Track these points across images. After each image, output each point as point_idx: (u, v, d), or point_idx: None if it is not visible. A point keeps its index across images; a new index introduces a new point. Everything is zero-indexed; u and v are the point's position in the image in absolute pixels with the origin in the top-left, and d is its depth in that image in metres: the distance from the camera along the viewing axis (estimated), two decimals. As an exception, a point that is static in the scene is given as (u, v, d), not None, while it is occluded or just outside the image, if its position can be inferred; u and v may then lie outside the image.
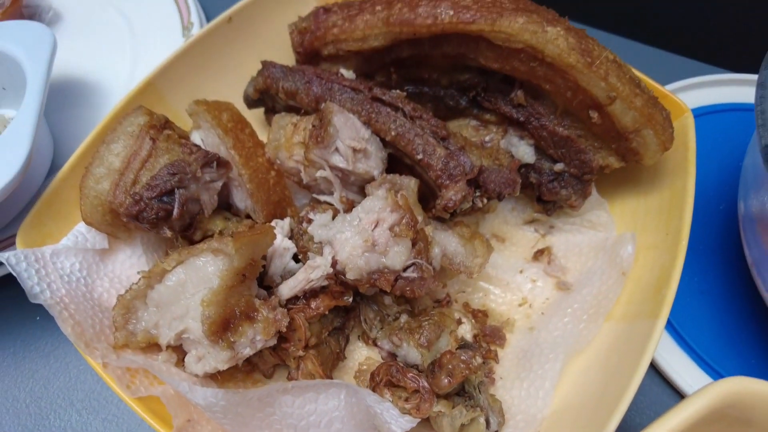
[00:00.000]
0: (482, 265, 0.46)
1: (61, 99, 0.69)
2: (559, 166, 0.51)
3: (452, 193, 0.45)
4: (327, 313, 0.46)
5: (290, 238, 0.50)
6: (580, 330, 0.46)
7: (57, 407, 0.50)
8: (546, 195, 0.52)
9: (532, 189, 0.53)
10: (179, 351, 0.44)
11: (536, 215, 0.55)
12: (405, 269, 0.43)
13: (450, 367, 0.41)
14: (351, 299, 0.46)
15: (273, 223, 0.49)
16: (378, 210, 0.44)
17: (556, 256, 0.53)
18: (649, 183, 0.51)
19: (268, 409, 0.39)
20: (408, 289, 0.44)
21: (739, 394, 0.35)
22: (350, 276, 0.43)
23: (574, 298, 0.48)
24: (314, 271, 0.43)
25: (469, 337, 0.49)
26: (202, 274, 0.41)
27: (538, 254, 0.53)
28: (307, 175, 0.51)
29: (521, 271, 0.53)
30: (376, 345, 0.48)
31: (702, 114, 0.67)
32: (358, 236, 0.43)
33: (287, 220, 0.50)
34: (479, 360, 0.41)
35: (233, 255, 0.41)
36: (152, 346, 0.44)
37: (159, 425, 0.39)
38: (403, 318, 0.47)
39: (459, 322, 0.49)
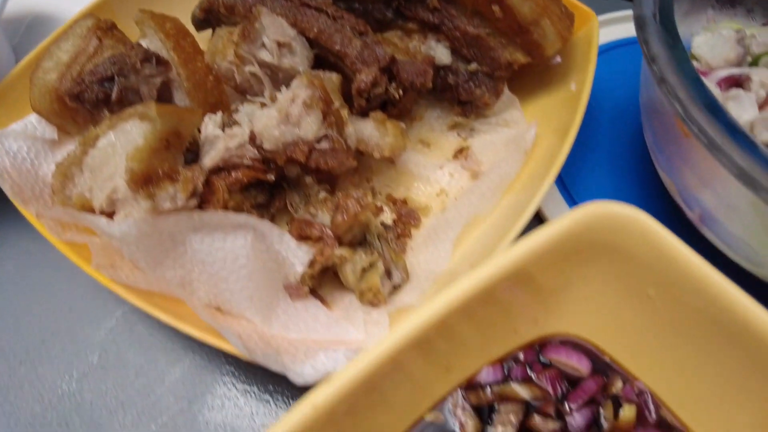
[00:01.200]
0: (393, 145, 0.50)
1: (34, 38, 0.75)
2: (473, 66, 0.55)
3: (364, 76, 0.50)
4: (250, 188, 0.50)
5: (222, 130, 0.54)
6: (483, 202, 0.50)
7: None
8: (463, 95, 0.56)
9: (452, 92, 0.57)
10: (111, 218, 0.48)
11: (457, 119, 0.59)
12: (318, 141, 0.47)
13: (344, 205, 0.44)
14: (273, 177, 0.50)
15: (206, 117, 0.54)
16: (294, 88, 0.48)
17: (473, 153, 0.57)
18: (556, 81, 0.56)
19: (180, 248, 0.43)
20: (322, 160, 0.48)
21: (600, 215, 0.38)
22: (267, 146, 0.47)
23: (483, 181, 0.52)
24: (232, 140, 0.48)
25: (389, 222, 0.53)
26: (129, 136, 0.45)
27: (458, 153, 0.57)
28: (239, 74, 0.55)
29: (441, 167, 0.57)
30: (298, 223, 0.52)
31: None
32: (274, 110, 0.47)
33: (219, 113, 0.54)
34: (370, 198, 0.45)
35: (155, 118, 0.45)
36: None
37: (82, 264, 0.43)
38: (322, 194, 0.51)
39: (380, 210, 0.53)
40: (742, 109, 0.48)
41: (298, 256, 0.42)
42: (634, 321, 0.41)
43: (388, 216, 0.53)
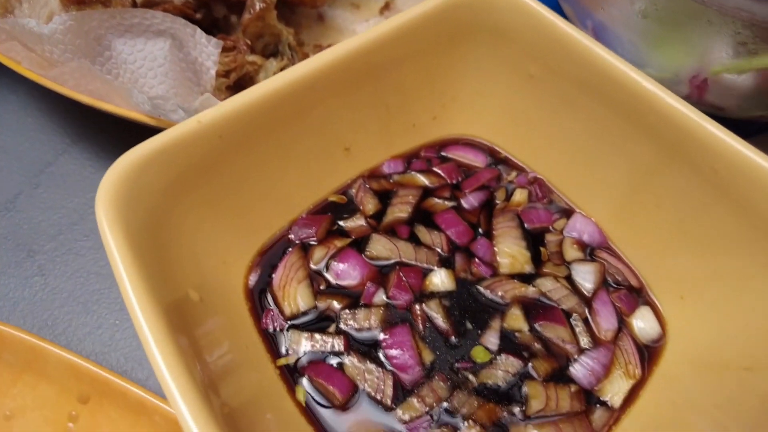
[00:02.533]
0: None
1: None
2: None
3: None
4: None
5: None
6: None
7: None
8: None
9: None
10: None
11: (383, -20, 0.63)
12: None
13: (251, 4, 0.48)
14: (200, 16, 0.54)
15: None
16: None
17: (396, 5, 0.60)
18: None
19: (107, 53, 0.46)
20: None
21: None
22: (188, -23, 0.51)
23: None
24: (159, -31, 0.51)
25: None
26: (61, -36, 0.49)
27: (383, 9, 0.61)
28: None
29: (367, 21, 0.60)
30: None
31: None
32: (198, -58, 0.51)
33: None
34: (274, -1, 0.48)
35: (87, -54, 0.49)
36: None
37: (15, 66, 0.46)
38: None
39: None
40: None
41: (209, 54, 0.45)
42: (523, 108, 0.44)
43: (314, 61, 0.56)
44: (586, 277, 0.40)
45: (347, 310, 0.38)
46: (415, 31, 0.40)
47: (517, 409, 0.35)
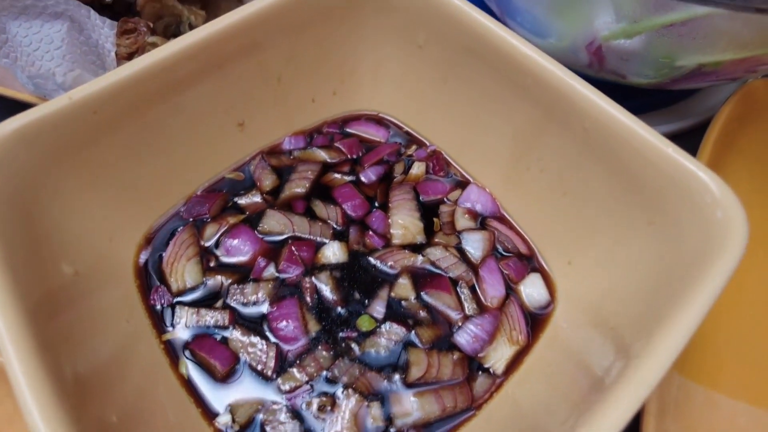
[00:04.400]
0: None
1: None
2: None
3: None
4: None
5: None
6: None
7: None
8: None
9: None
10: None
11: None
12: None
13: None
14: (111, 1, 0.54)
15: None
16: None
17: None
18: None
19: (2, 36, 0.46)
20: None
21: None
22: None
23: None
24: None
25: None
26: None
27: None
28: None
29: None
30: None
31: None
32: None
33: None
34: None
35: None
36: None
37: None
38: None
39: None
40: None
41: (106, 34, 0.45)
42: (416, 80, 0.44)
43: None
44: (475, 245, 0.41)
45: (235, 285, 0.38)
46: (300, 3, 0.40)
47: (396, 377, 0.35)
